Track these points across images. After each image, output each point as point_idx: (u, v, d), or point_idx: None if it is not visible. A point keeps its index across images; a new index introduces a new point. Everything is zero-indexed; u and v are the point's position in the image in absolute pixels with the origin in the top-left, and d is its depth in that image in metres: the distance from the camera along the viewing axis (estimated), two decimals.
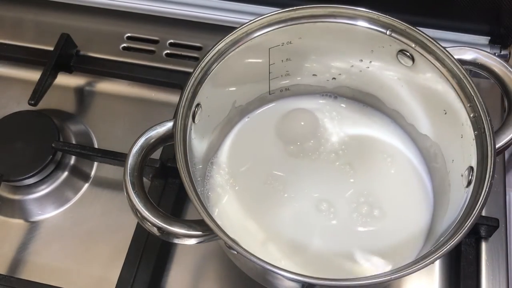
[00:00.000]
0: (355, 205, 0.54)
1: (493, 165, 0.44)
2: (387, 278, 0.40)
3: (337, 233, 0.53)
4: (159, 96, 0.69)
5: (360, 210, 0.53)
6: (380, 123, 0.59)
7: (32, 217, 0.62)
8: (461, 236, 0.41)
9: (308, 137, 0.57)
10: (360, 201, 0.54)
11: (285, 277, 0.40)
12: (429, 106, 0.53)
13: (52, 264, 0.59)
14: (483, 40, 0.69)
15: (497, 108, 0.65)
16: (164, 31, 0.73)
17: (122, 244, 0.58)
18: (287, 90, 0.59)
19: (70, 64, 0.69)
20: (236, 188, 0.55)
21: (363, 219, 0.53)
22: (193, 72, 0.48)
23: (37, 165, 0.61)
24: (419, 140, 0.57)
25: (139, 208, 0.44)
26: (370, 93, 0.58)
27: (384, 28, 0.50)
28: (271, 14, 0.50)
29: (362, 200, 0.54)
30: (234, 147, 0.58)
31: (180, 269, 0.59)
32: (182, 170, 0.44)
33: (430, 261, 0.40)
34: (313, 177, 0.56)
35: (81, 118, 0.68)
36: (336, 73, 0.57)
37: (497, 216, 0.57)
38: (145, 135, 0.46)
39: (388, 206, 0.54)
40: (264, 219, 0.54)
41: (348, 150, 0.57)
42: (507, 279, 0.56)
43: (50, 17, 0.75)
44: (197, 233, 0.43)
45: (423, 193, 0.55)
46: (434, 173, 0.55)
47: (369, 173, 0.56)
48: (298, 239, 0.52)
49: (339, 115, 0.59)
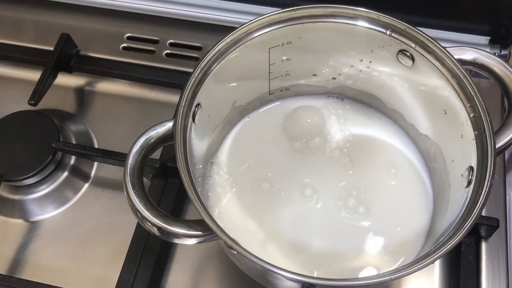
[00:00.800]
0: (357, 204, 0.54)
1: (493, 165, 0.44)
2: (387, 278, 0.40)
3: (338, 232, 0.53)
4: (159, 96, 0.69)
5: (361, 208, 0.53)
6: (381, 123, 0.59)
7: (32, 217, 0.62)
8: (461, 236, 0.41)
9: (314, 135, 0.57)
10: (361, 198, 0.54)
11: (285, 277, 0.40)
12: (429, 106, 0.53)
13: (52, 264, 0.59)
14: (483, 40, 0.69)
15: (497, 108, 0.65)
16: (164, 31, 0.73)
17: (122, 244, 0.58)
18: (287, 90, 0.59)
19: (70, 64, 0.69)
20: (236, 188, 0.55)
21: (365, 217, 0.53)
22: (193, 72, 0.48)
23: (37, 165, 0.61)
24: (419, 140, 0.57)
25: (139, 208, 0.44)
26: (370, 93, 0.58)
27: (384, 28, 0.50)
28: (271, 14, 0.50)
29: (363, 196, 0.54)
30: (234, 147, 0.58)
31: (180, 269, 0.59)
32: (182, 170, 0.44)
33: (430, 261, 0.40)
34: (314, 176, 0.55)
35: (81, 118, 0.68)
36: (336, 73, 0.57)
37: (497, 216, 0.57)
38: (145, 135, 0.46)
39: (388, 205, 0.54)
40: (264, 219, 0.54)
41: (349, 149, 0.57)
42: (507, 279, 0.56)
43: (50, 17, 0.75)
44: (197, 233, 0.43)
45: (423, 193, 0.55)
46: (434, 173, 0.55)
47: (369, 174, 0.56)
48: (299, 239, 0.52)
49: (340, 114, 0.59)
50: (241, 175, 0.56)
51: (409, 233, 0.53)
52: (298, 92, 0.60)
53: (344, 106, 0.60)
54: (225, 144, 0.58)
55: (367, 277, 0.42)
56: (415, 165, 0.56)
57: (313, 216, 0.54)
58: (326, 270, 0.51)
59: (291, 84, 0.59)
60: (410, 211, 0.54)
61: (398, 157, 0.57)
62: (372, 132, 0.58)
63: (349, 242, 0.52)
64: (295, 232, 0.53)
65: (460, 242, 0.42)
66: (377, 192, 0.55)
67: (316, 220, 0.53)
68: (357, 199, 0.54)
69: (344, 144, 0.57)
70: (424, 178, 0.56)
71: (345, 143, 0.58)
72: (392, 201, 0.54)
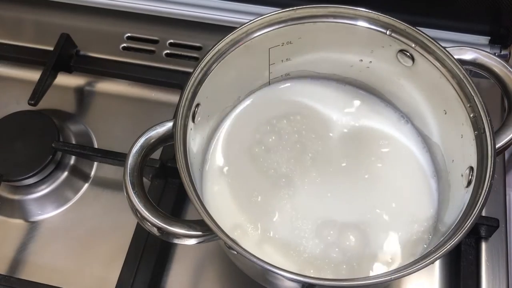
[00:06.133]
0: (358, 202, 0.53)
1: (493, 165, 0.44)
2: (387, 278, 0.40)
3: (339, 230, 0.52)
4: (159, 96, 0.69)
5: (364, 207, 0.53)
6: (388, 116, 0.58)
7: (32, 217, 0.62)
8: (461, 236, 0.41)
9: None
10: (364, 196, 0.54)
11: (285, 277, 0.40)
12: (429, 106, 0.53)
13: (52, 264, 0.59)
14: (483, 40, 0.69)
15: (497, 108, 0.65)
16: (164, 31, 0.73)
17: (122, 244, 0.58)
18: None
19: (70, 64, 0.69)
20: (234, 186, 0.55)
21: (366, 215, 0.53)
22: (193, 72, 0.48)
23: (37, 165, 0.61)
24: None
25: (139, 208, 0.44)
26: (370, 92, 0.58)
27: (384, 28, 0.50)
28: (271, 14, 0.50)
29: (365, 194, 0.54)
30: (232, 147, 0.57)
31: (180, 269, 0.59)
32: (182, 170, 0.44)
33: (430, 261, 0.40)
34: (314, 174, 0.55)
35: (81, 118, 0.68)
36: (336, 73, 0.57)
37: (497, 216, 0.57)
38: (145, 135, 0.46)
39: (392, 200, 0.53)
40: (264, 218, 0.53)
41: (350, 147, 0.57)
42: (507, 279, 0.56)
43: (50, 17, 0.75)
44: (197, 233, 0.43)
45: (428, 191, 0.54)
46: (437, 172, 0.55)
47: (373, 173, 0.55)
48: (299, 239, 0.52)
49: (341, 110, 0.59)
50: (238, 172, 0.55)
51: (413, 232, 0.52)
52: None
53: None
54: (222, 143, 0.57)
55: (367, 277, 0.42)
56: (422, 164, 0.56)
57: (314, 215, 0.53)
58: (328, 269, 0.51)
59: (291, 84, 0.59)
60: (415, 208, 0.53)
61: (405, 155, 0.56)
62: (375, 124, 0.58)
63: (351, 240, 0.52)
64: (297, 231, 0.52)
65: (460, 242, 0.42)
66: (381, 186, 0.54)
67: (316, 218, 0.53)
68: (361, 189, 0.53)
69: (347, 140, 0.57)
70: (428, 176, 0.55)
71: (348, 138, 0.57)
72: (397, 196, 0.54)
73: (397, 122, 0.57)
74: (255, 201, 0.53)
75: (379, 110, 0.58)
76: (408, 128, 0.57)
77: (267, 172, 0.55)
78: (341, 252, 0.51)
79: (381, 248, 0.51)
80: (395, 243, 0.52)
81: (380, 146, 0.56)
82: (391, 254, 0.51)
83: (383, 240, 0.51)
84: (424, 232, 0.52)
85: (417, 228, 0.52)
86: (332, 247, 0.51)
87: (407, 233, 0.52)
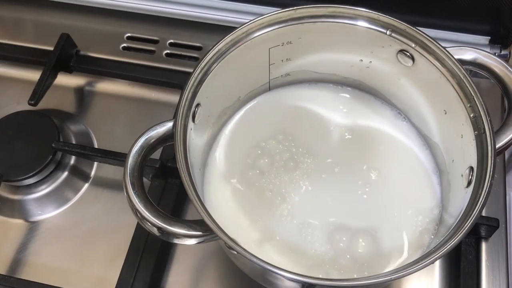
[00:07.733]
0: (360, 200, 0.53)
1: (493, 165, 0.44)
2: (387, 278, 0.40)
3: (339, 230, 0.52)
4: (159, 96, 0.69)
5: (364, 207, 0.53)
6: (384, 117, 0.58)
7: (32, 217, 0.62)
8: (461, 236, 0.41)
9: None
10: (364, 194, 0.54)
11: (285, 277, 0.40)
12: (429, 106, 0.53)
13: (52, 264, 0.59)
14: (483, 40, 0.69)
15: (497, 108, 0.65)
16: (164, 31, 0.73)
17: (122, 244, 0.58)
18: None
19: (70, 64, 0.69)
20: (235, 187, 0.55)
21: (367, 215, 0.53)
22: (193, 72, 0.48)
23: (37, 165, 0.61)
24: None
25: (139, 208, 0.44)
26: (370, 92, 0.58)
27: (384, 28, 0.50)
28: (271, 14, 0.50)
29: (365, 192, 0.54)
30: (233, 150, 0.57)
31: (180, 269, 0.59)
32: (182, 170, 0.44)
33: (430, 261, 0.40)
34: (314, 174, 0.55)
35: (81, 118, 0.68)
36: (336, 73, 0.57)
37: (497, 216, 0.57)
38: (145, 135, 0.46)
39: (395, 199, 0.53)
40: (263, 218, 0.53)
41: (350, 148, 0.57)
42: (507, 279, 0.56)
43: (50, 17, 0.75)
44: (197, 233, 0.43)
45: (430, 185, 0.54)
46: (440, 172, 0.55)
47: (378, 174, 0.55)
48: (299, 238, 0.52)
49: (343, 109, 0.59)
50: (239, 173, 0.55)
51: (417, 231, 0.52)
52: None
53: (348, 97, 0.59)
54: (222, 143, 0.57)
55: (367, 277, 0.42)
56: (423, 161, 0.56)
57: (314, 214, 0.53)
58: (327, 269, 0.51)
59: (291, 84, 0.59)
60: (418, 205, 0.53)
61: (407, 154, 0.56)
62: (376, 124, 0.58)
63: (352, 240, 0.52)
64: (297, 230, 0.52)
65: (460, 242, 0.42)
66: (384, 186, 0.54)
67: (317, 217, 0.53)
68: (373, 202, 0.53)
69: (346, 141, 0.57)
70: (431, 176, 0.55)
71: (347, 140, 0.57)
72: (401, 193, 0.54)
73: (396, 121, 0.57)
74: (257, 202, 0.53)
75: (378, 110, 0.58)
76: (408, 127, 0.57)
77: (270, 173, 0.55)
78: (352, 259, 0.50)
79: (387, 245, 0.51)
80: (403, 239, 0.51)
81: (380, 146, 0.56)
82: (398, 249, 0.51)
83: (389, 238, 0.51)
84: (429, 223, 0.51)
85: (422, 219, 0.52)
86: (343, 253, 0.51)
87: (413, 226, 0.51)
